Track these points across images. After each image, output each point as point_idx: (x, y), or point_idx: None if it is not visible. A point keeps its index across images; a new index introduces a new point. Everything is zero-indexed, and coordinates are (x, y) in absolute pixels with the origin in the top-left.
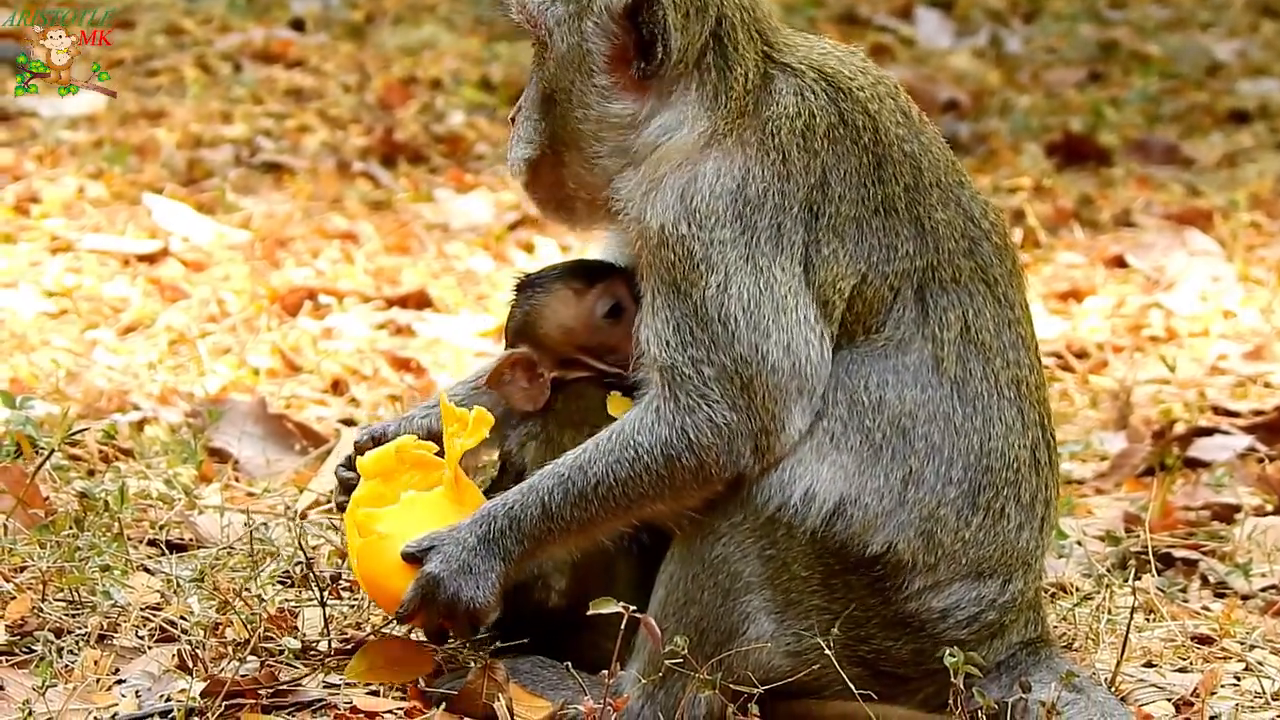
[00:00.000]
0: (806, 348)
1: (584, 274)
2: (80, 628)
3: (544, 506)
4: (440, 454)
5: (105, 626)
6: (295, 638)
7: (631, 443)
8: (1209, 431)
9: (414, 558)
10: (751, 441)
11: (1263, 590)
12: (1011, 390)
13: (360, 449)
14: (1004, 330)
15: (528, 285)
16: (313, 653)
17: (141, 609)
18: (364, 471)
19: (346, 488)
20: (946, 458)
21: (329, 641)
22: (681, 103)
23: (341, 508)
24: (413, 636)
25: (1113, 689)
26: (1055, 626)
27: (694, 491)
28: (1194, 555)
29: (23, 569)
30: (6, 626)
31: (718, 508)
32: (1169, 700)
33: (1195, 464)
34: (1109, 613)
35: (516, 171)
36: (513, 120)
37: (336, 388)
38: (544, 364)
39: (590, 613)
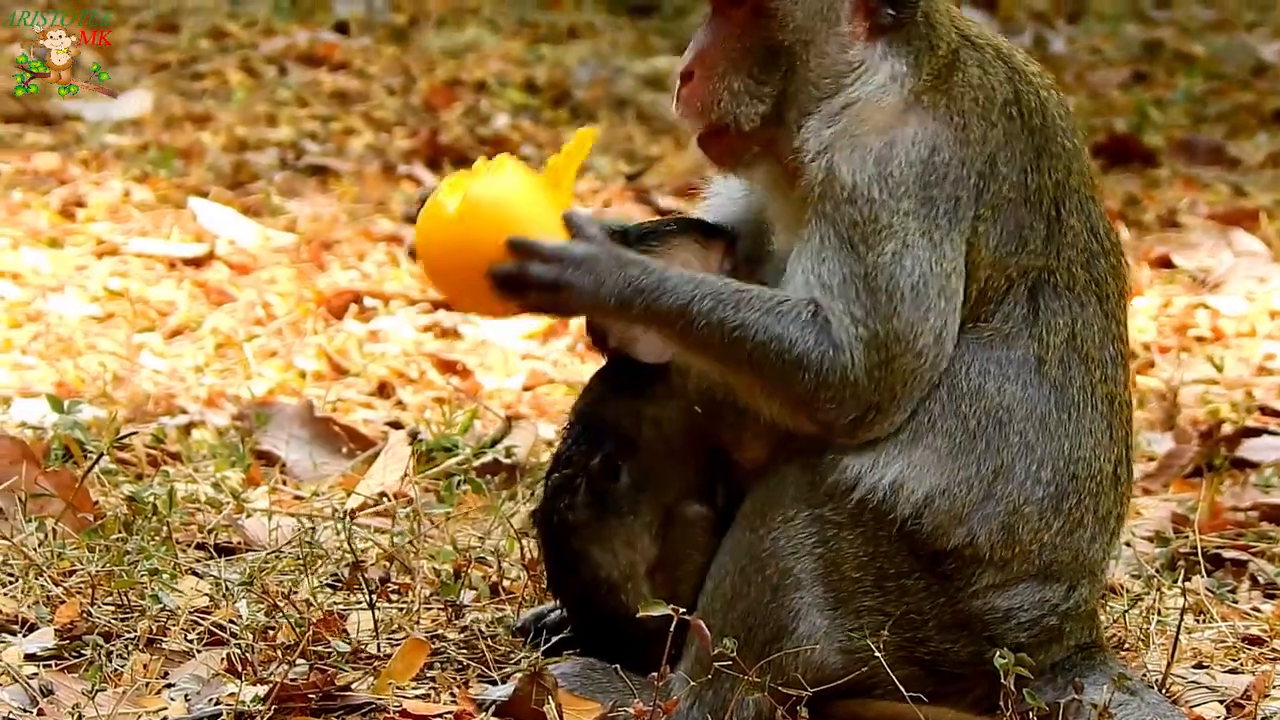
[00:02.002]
0: (948, 337)
1: (705, 230)
2: (129, 631)
3: (687, 302)
4: None
5: (154, 630)
6: (345, 641)
7: (783, 318)
8: (1257, 432)
9: (571, 225)
10: (859, 411)
11: None
12: (1105, 405)
13: None
14: (1107, 345)
15: (641, 233)
16: (362, 656)
17: (190, 613)
18: (474, 170)
19: None
20: (1038, 457)
21: (379, 644)
22: (895, 56)
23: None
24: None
25: (1164, 690)
26: (1106, 628)
27: (786, 405)
28: (1243, 556)
29: (72, 573)
30: (56, 630)
31: (777, 496)
32: (1220, 702)
33: (1243, 464)
34: (1159, 614)
35: (748, 124)
36: (687, 75)
37: (383, 390)
38: None
39: (640, 614)
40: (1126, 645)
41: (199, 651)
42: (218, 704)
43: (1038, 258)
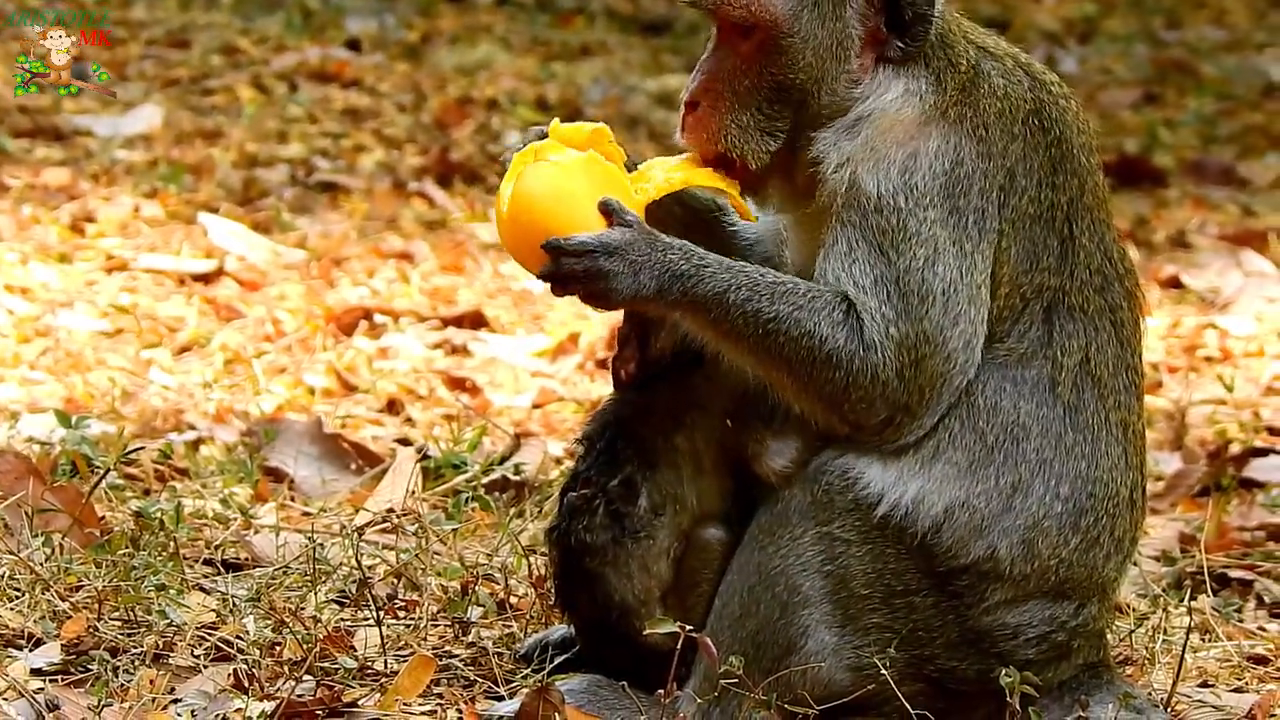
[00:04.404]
0: (976, 344)
1: None
2: (136, 647)
3: (724, 290)
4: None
5: (161, 646)
6: (352, 657)
7: (816, 314)
8: (1264, 452)
9: (606, 213)
10: (889, 412)
11: None
12: (1118, 430)
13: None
14: (1121, 372)
15: None
16: (369, 672)
17: (197, 628)
18: (553, 133)
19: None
20: (1056, 473)
21: (386, 660)
22: (912, 77)
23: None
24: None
25: (1169, 709)
26: (1112, 647)
27: (818, 403)
28: (1249, 575)
29: (78, 588)
30: (63, 646)
31: (785, 515)
32: None
33: (1250, 484)
34: (1165, 633)
35: (756, 162)
36: (692, 105)
37: (392, 407)
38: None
39: (646, 633)
40: (1132, 663)
41: (206, 667)
42: (224, 719)
43: (1051, 276)
